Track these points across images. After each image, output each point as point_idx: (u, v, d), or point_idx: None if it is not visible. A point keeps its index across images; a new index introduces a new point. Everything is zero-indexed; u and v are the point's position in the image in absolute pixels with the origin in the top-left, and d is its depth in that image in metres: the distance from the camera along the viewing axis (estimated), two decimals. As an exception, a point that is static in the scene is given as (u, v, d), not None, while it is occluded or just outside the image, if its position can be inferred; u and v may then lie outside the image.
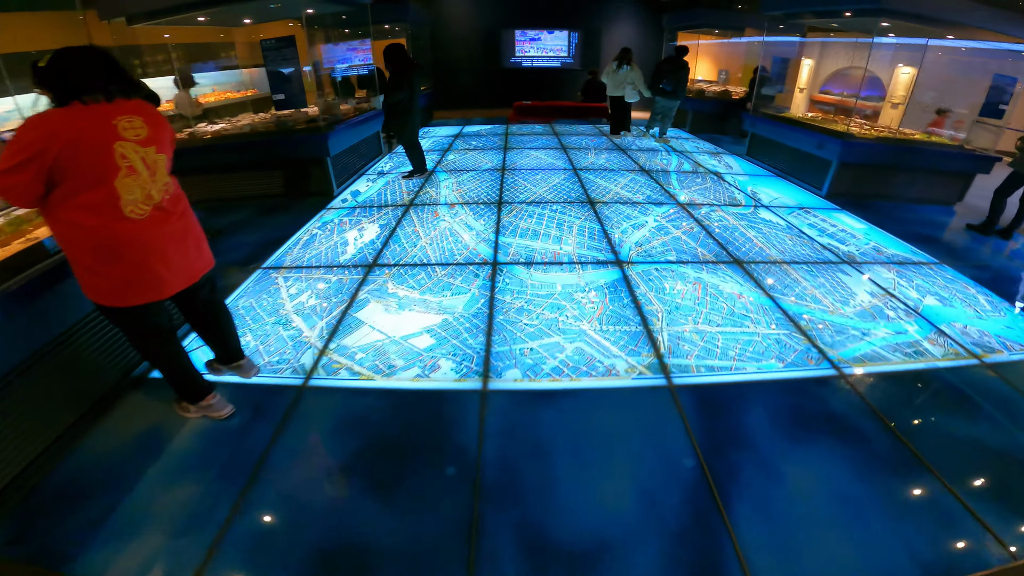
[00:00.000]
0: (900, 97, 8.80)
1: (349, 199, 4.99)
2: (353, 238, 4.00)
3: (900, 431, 2.14)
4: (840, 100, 9.57)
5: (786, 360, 2.57)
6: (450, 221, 4.24)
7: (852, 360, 2.61)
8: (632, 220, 4.28)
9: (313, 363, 2.50)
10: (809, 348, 2.67)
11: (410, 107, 5.05)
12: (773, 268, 3.52)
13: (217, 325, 2.20)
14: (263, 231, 4.30)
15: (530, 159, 6.45)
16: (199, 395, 2.09)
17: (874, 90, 9.15)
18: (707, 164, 6.41)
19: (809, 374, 2.50)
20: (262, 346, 2.63)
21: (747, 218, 4.44)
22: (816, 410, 2.24)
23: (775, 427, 2.13)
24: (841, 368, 2.54)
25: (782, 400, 2.29)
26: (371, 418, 2.15)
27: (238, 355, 2.32)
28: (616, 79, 7.46)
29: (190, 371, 2.06)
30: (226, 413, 2.12)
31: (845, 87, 9.91)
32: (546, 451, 1.98)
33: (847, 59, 9.76)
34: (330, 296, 3.13)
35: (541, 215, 4.34)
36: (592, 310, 2.91)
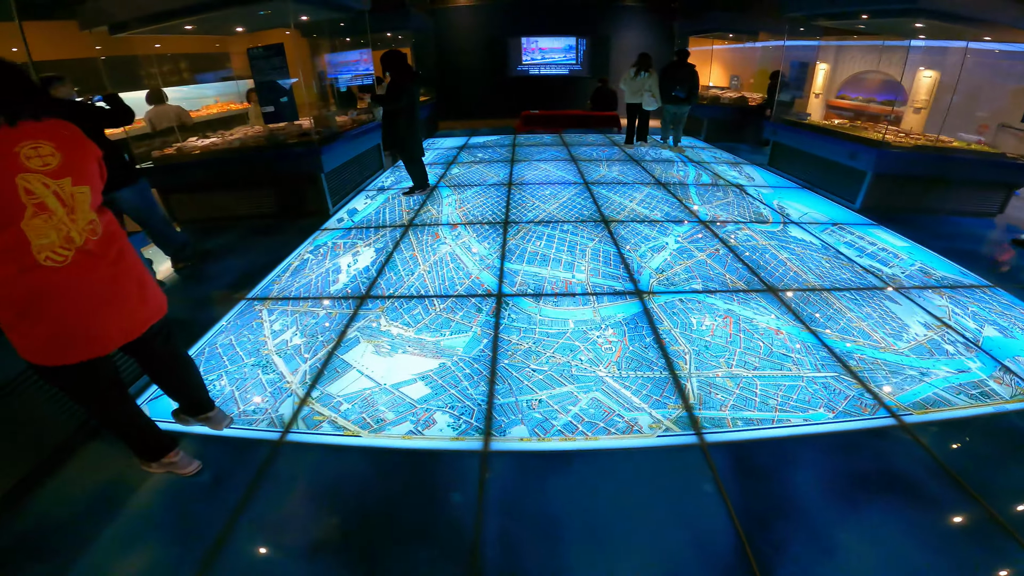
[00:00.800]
0: (922, 101, 8.46)
1: (345, 219, 4.74)
2: (346, 264, 3.73)
3: (974, 489, 1.83)
4: (858, 105, 9.27)
5: (836, 408, 2.24)
6: (451, 244, 3.96)
7: (912, 406, 2.27)
8: (651, 241, 3.97)
9: (292, 414, 2.24)
10: (862, 393, 2.34)
11: (410, 119, 4.80)
12: (812, 297, 3.18)
13: (176, 379, 1.95)
14: (252, 254, 4.07)
15: (538, 172, 6.18)
16: (159, 453, 1.86)
17: (894, 94, 8.85)
18: (727, 175, 6.09)
19: (864, 424, 2.17)
20: (237, 392, 2.39)
21: (777, 237, 4.11)
22: (875, 467, 1.94)
23: (827, 489, 1.84)
24: (901, 416, 2.21)
25: (834, 457, 1.99)
26: (353, 482, 1.89)
27: (207, 406, 2.07)
28: (634, 86, 7.18)
29: (147, 430, 1.82)
30: (192, 470, 1.90)
31: (862, 91, 9.61)
32: (556, 528, 1.69)
33: (864, 63, 9.47)
34: (316, 333, 2.86)
35: (551, 236, 4.04)
36: (609, 352, 2.59)
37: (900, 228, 4.37)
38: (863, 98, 9.24)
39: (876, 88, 9.03)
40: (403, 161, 5.18)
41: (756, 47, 10.82)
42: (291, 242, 4.23)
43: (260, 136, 4.77)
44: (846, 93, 9.97)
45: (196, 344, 2.79)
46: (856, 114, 8.58)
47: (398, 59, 4.57)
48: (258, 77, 4.24)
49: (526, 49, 11.45)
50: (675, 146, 7.83)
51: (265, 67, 4.18)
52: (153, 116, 5.64)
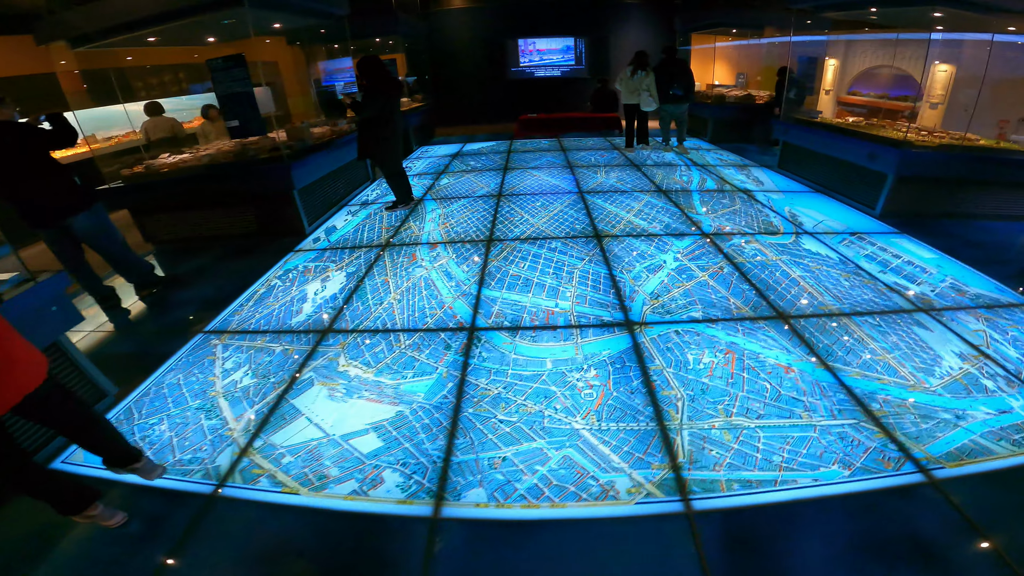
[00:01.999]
0: (938, 96, 8.15)
1: (322, 238, 4.52)
2: (314, 292, 3.50)
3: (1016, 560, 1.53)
4: (871, 101, 8.99)
5: (854, 464, 1.93)
6: (428, 267, 3.70)
7: (945, 457, 1.95)
8: (647, 259, 3.66)
9: (229, 466, 2.04)
10: (886, 444, 2.02)
11: (387, 129, 4.56)
12: (829, 323, 2.84)
13: (84, 440, 1.80)
14: (220, 280, 3.89)
15: (531, 181, 5.91)
16: (79, 507, 1.76)
17: (908, 89, 8.55)
18: (734, 180, 5.76)
19: (887, 482, 1.86)
20: (176, 438, 2.21)
21: (788, 250, 3.78)
22: (897, 534, 1.65)
23: (837, 563, 1.56)
24: (931, 470, 1.89)
25: (848, 523, 1.70)
26: (286, 546, 1.71)
27: (131, 458, 1.90)
28: (631, 85, 6.90)
29: (61, 489, 1.73)
30: (116, 522, 1.80)
31: (874, 87, 9.31)
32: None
33: (875, 58, 9.20)
34: (269, 373, 2.64)
35: (537, 256, 3.76)
36: (589, 398, 2.29)
37: (926, 237, 4.01)
38: (875, 94, 8.97)
39: (889, 83, 8.74)
40: (383, 174, 4.96)
41: (762, 43, 10.53)
42: (261, 265, 4.03)
43: (231, 152, 4.57)
44: (858, 89, 9.67)
45: (143, 384, 2.62)
46: (870, 111, 8.33)
47: (373, 65, 4.35)
48: (220, 90, 4.05)
49: (523, 51, 11.26)
50: (679, 147, 7.52)
51: (226, 79, 3.99)
52: (150, 127, 5.72)
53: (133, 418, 2.38)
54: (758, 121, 7.82)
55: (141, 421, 2.35)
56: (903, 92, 8.47)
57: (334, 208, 5.33)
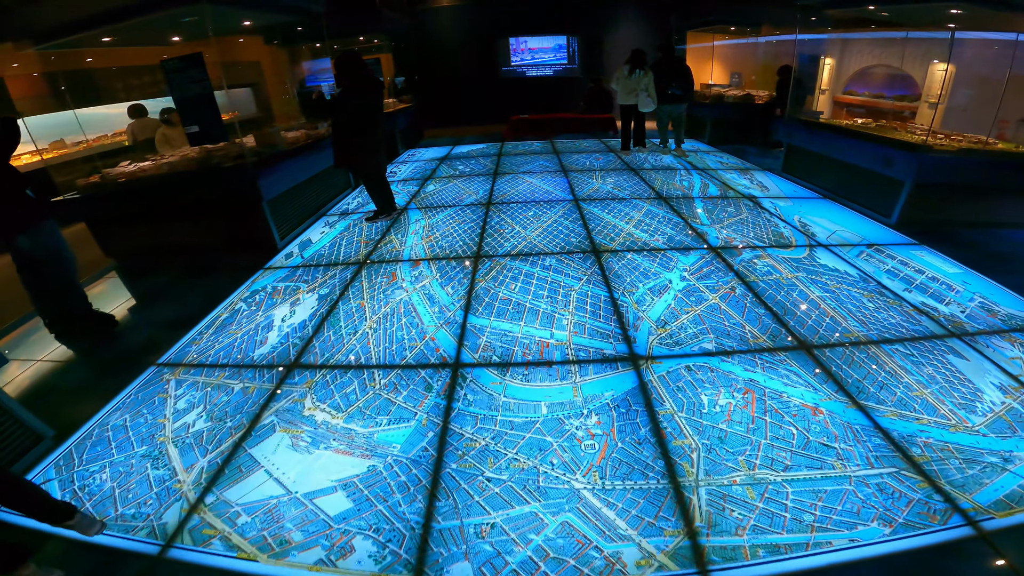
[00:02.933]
0: (936, 96, 8.11)
1: (295, 253, 4.26)
2: (281, 318, 3.24)
3: None
4: (867, 101, 9.00)
5: (896, 520, 1.71)
6: (408, 289, 3.45)
7: (994, 506, 1.75)
8: (651, 279, 3.42)
9: (178, 524, 1.83)
10: (930, 495, 1.81)
11: (369, 133, 4.30)
12: (857, 354, 2.62)
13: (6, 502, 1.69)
14: (179, 302, 3.64)
15: (523, 187, 5.69)
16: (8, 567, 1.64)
17: (905, 89, 8.55)
18: (737, 185, 5.57)
19: (933, 539, 1.65)
20: (119, 489, 1.99)
21: (804, 266, 3.57)
22: None
23: None
24: (979, 522, 1.69)
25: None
26: None
27: (64, 515, 1.73)
28: (628, 85, 6.71)
29: None
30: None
31: (870, 87, 9.31)
32: None
33: (872, 57, 9.21)
34: (226, 416, 2.39)
35: (529, 275, 3.52)
36: (591, 450, 2.05)
37: (948, 248, 3.82)
38: (871, 93, 8.96)
39: (885, 83, 8.71)
40: (363, 183, 4.70)
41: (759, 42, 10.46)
42: (227, 285, 3.77)
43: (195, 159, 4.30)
44: (854, 88, 9.63)
45: (86, 424, 2.40)
46: (868, 110, 8.26)
47: (350, 63, 4.10)
48: (176, 93, 3.78)
49: (514, 50, 11.07)
50: (677, 149, 7.34)
51: (183, 81, 3.72)
52: (136, 129, 5.62)
53: (73, 464, 2.16)
54: (759, 122, 7.66)
55: (81, 468, 2.13)
56: (900, 92, 8.48)
57: (311, 218, 5.07)
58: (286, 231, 4.55)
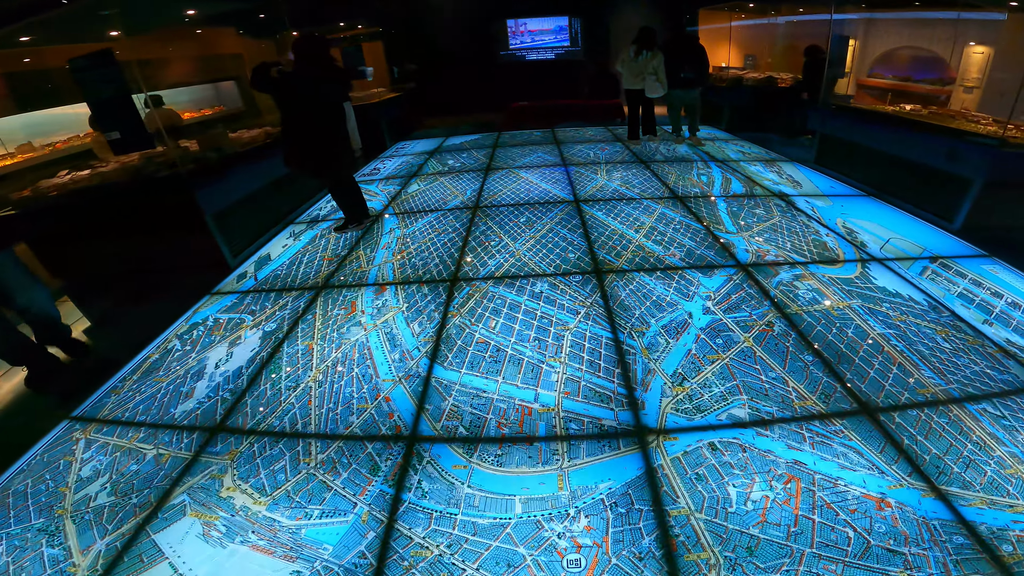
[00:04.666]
0: (974, 80, 7.47)
1: (249, 273, 3.60)
2: (215, 362, 2.61)
3: None
4: (894, 84, 8.37)
5: None
6: (367, 326, 2.77)
7: None
8: (666, 310, 2.71)
9: None
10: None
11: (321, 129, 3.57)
12: (935, 418, 1.93)
13: None
14: (108, 339, 3.09)
15: (517, 185, 4.96)
16: None
17: (935, 72, 7.86)
18: (764, 181, 4.80)
19: None
20: (13, 565, 1.66)
21: (857, 289, 2.84)
22: None
23: None
24: None
25: None
26: None
27: None
28: (634, 68, 5.92)
29: None
30: None
31: (896, 70, 8.67)
32: None
33: (899, 38, 8.55)
34: (132, 489, 1.89)
35: (514, 307, 2.81)
36: (575, 569, 1.41)
37: (1029, 262, 3.08)
38: (897, 76, 8.31)
39: (912, 66, 8.07)
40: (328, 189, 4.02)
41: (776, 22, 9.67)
42: (165, 316, 3.15)
43: (133, 167, 3.63)
44: (879, 71, 9.00)
45: None
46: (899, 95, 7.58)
47: (309, 46, 3.36)
48: (88, 95, 3.09)
49: (513, 32, 10.24)
50: (692, 138, 6.55)
51: (94, 81, 3.02)
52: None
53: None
54: (782, 108, 6.84)
55: (-23, 537, 1.64)
56: (929, 75, 7.84)
57: (276, 228, 4.40)
58: (241, 247, 3.88)
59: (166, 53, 7.48)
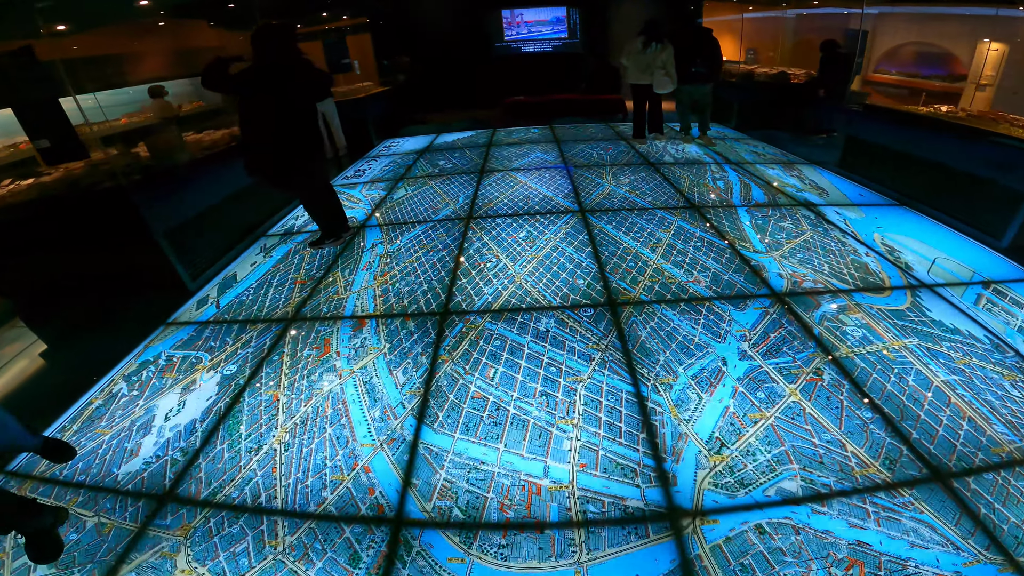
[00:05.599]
0: (988, 78, 7.42)
1: (211, 299, 3.19)
2: (165, 413, 2.24)
3: None
4: (900, 80, 8.24)
5: None
6: (342, 372, 2.38)
7: None
8: (694, 355, 2.32)
9: None
10: None
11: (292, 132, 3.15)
12: (1012, 482, 1.61)
13: None
14: (47, 379, 2.68)
15: (514, 192, 4.57)
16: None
17: (942, 68, 7.82)
18: (786, 187, 4.43)
19: None
20: None
21: (910, 323, 2.48)
22: None
23: None
24: None
25: None
26: None
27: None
28: (641, 61, 5.52)
29: None
30: None
31: (901, 66, 8.47)
32: None
33: (907, 33, 8.41)
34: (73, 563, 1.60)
35: (516, 350, 2.41)
36: None
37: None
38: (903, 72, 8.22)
39: (917, 61, 7.98)
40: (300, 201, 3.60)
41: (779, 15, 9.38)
42: (113, 352, 2.76)
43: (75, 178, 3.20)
44: (884, 67, 8.77)
45: None
46: (910, 91, 7.51)
47: (269, 36, 2.92)
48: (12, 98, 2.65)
49: (509, 23, 9.80)
50: (703, 137, 6.17)
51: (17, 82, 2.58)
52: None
53: None
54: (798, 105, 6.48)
55: None
56: (936, 71, 7.76)
57: (245, 242, 3.98)
58: (202, 267, 3.47)
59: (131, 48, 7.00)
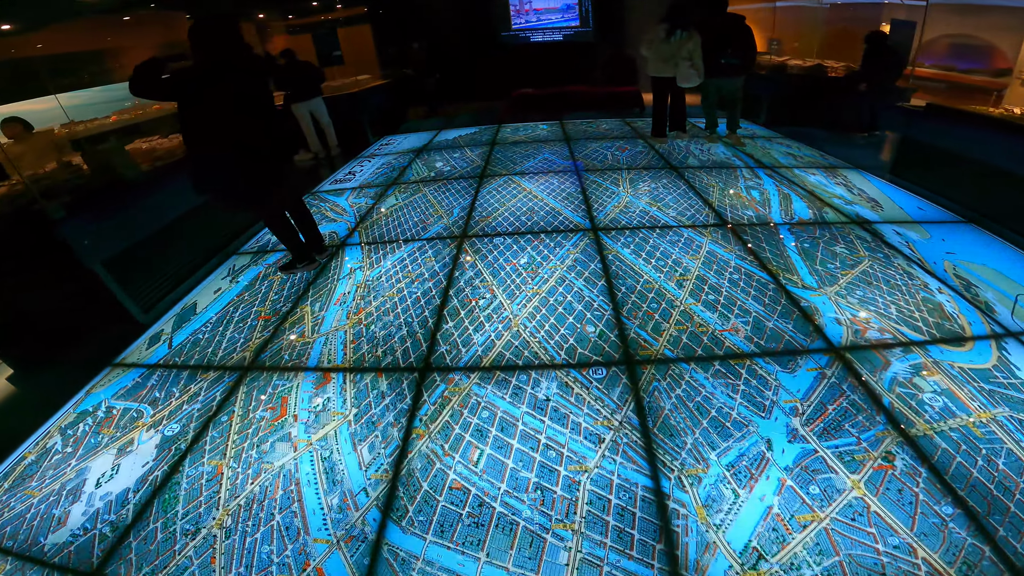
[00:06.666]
0: None
1: (165, 335, 2.81)
2: (97, 477, 1.93)
3: None
4: (937, 74, 7.73)
5: None
6: (298, 444, 1.96)
7: None
8: (731, 437, 1.85)
9: None
10: None
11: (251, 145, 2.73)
12: None
13: None
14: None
15: (517, 203, 4.13)
16: None
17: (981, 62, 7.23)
18: (832, 198, 3.93)
19: None
20: None
21: (997, 386, 1.97)
22: None
23: None
24: None
25: None
26: None
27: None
28: (663, 51, 5.02)
29: None
30: None
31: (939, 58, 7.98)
32: None
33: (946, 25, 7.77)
34: None
35: (507, 425, 1.97)
36: None
37: None
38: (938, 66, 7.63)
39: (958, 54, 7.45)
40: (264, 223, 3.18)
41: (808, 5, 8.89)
42: (54, 395, 2.43)
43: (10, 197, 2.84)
44: (922, 60, 8.32)
45: None
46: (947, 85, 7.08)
47: (209, 32, 2.48)
48: None
49: (516, 11, 9.33)
50: (731, 135, 5.66)
51: None
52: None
53: None
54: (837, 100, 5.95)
55: None
56: (976, 65, 7.25)
57: (213, 263, 3.60)
58: (157, 296, 3.09)
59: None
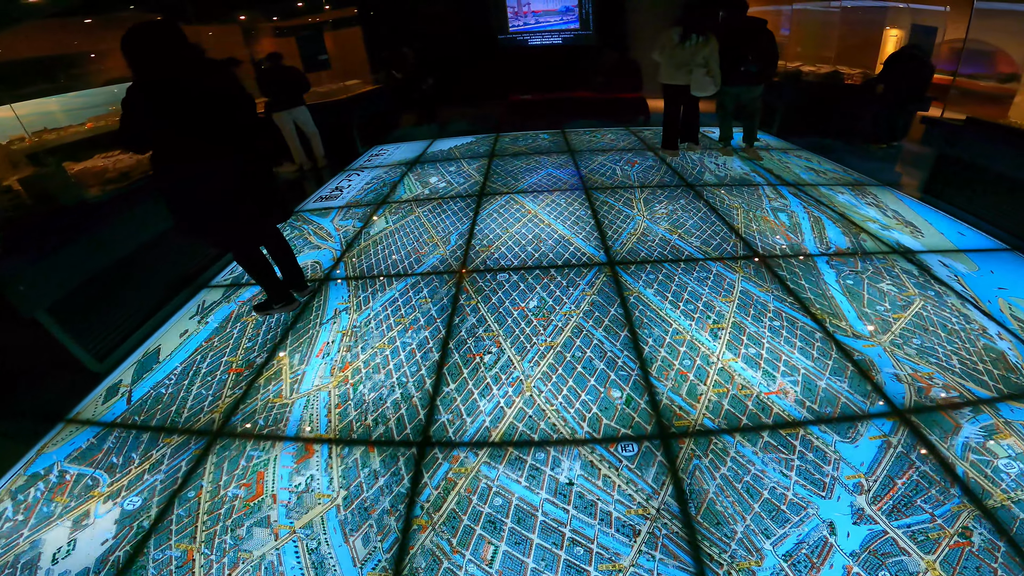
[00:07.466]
0: None
1: (124, 387, 2.51)
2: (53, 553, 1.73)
3: None
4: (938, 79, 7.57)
5: None
6: (279, 530, 1.66)
7: None
8: (789, 520, 1.56)
9: None
10: None
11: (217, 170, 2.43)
12: None
13: None
14: None
15: (522, 228, 3.85)
16: None
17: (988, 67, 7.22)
18: (867, 223, 3.67)
19: None
20: None
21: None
22: None
23: None
24: None
25: None
26: None
27: None
28: (679, 56, 4.75)
29: None
30: None
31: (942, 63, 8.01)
32: None
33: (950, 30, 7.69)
34: None
35: (525, 515, 1.66)
36: None
37: None
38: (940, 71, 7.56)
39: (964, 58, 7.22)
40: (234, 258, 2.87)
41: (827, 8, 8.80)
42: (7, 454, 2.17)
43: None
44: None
45: None
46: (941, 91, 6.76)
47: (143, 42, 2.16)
48: None
49: (514, 13, 9.12)
50: (747, 149, 5.42)
51: None
52: None
53: None
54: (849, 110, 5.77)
55: None
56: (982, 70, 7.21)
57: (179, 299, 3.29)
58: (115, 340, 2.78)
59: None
